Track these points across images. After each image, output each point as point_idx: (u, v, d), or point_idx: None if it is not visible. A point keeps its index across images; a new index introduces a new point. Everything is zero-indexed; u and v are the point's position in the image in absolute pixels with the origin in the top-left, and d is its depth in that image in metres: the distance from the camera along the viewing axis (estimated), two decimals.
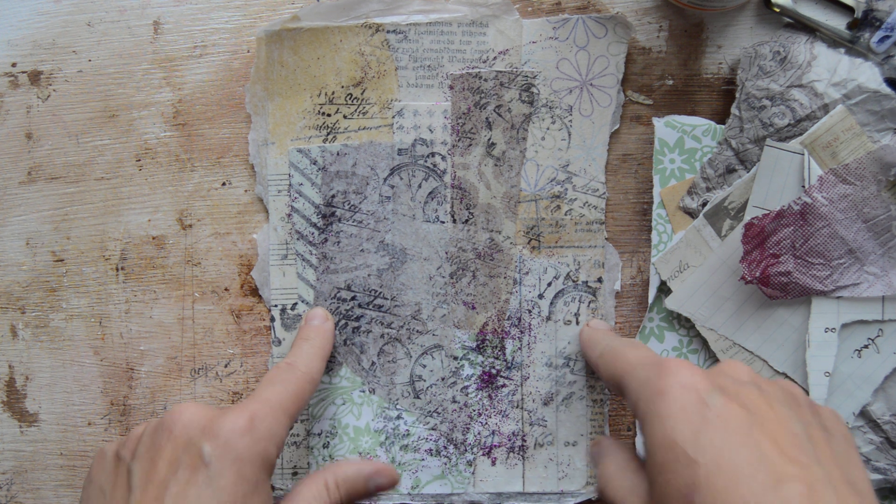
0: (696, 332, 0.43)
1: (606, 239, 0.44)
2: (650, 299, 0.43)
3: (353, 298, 0.44)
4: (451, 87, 0.43)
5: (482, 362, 0.44)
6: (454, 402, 0.44)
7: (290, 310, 0.44)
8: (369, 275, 0.44)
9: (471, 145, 0.43)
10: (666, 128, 0.42)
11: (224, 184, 0.44)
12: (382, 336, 0.44)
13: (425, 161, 0.43)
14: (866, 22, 0.40)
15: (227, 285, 0.45)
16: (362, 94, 0.43)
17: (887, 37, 0.40)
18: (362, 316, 0.44)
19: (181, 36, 0.44)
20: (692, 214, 0.42)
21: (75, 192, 0.45)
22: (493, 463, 0.44)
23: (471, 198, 0.43)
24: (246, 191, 0.44)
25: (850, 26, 0.41)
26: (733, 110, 0.41)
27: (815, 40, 0.41)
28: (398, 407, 0.44)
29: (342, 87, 0.43)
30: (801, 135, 0.40)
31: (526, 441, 0.44)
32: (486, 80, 0.43)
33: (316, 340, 0.40)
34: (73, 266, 0.45)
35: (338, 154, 0.43)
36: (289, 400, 0.35)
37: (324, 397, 0.44)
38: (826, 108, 0.40)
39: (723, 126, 0.42)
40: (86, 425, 0.45)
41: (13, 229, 0.45)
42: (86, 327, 0.45)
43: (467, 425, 0.44)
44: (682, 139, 0.42)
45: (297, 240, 0.43)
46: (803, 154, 0.40)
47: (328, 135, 0.43)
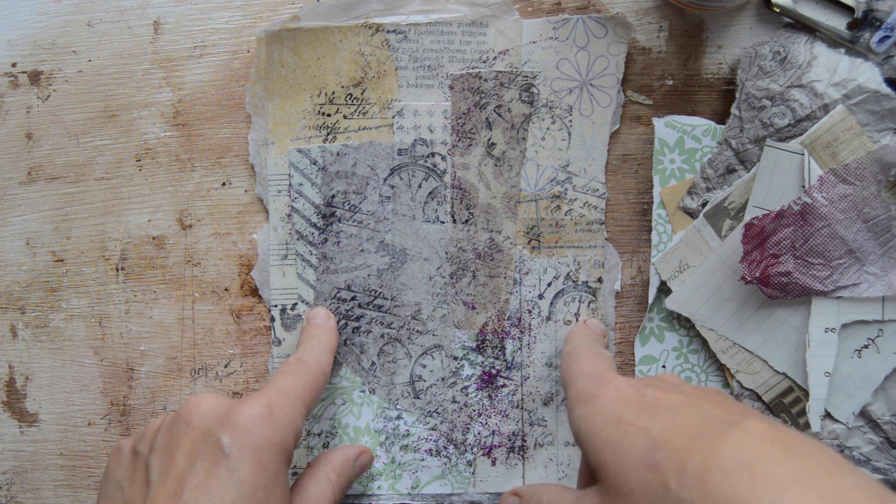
0: (696, 332, 0.43)
1: (606, 239, 0.44)
2: (650, 299, 0.43)
3: (353, 298, 0.44)
4: (451, 87, 0.43)
5: (482, 362, 0.44)
6: (454, 402, 0.44)
7: (290, 310, 0.44)
8: (369, 275, 0.43)
9: (471, 145, 0.43)
10: (666, 128, 0.42)
11: (224, 184, 0.44)
12: (382, 336, 0.44)
13: (425, 161, 0.43)
14: (866, 22, 0.40)
15: (227, 285, 0.45)
16: (362, 94, 0.43)
17: (887, 37, 0.40)
18: (362, 316, 0.44)
19: (181, 36, 0.44)
20: (692, 214, 0.42)
21: (75, 192, 0.45)
22: (493, 463, 0.44)
23: (471, 198, 0.43)
24: (246, 191, 0.44)
25: (850, 26, 0.41)
26: (733, 110, 0.41)
27: (815, 40, 0.41)
28: (398, 407, 0.44)
29: (342, 87, 0.43)
30: (801, 135, 0.40)
31: (526, 441, 0.44)
32: (486, 80, 0.43)
33: (322, 336, 0.40)
34: (73, 266, 0.45)
35: (338, 154, 0.43)
36: (304, 389, 0.36)
37: (324, 397, 0.44)
38: (826, 108, 0.40)
39: (723, 126, 0.42)
40: (86, 425, 0.45)
41: (13, 229, 0.45)
42: (86, 327, 0.45)
43: (467, 425, 0.44)
44: (682, 139, 0.42)
45: (297, 240, 0.43)
46: (803, 154, 0.40)
47: (328, 135, 0.43)
